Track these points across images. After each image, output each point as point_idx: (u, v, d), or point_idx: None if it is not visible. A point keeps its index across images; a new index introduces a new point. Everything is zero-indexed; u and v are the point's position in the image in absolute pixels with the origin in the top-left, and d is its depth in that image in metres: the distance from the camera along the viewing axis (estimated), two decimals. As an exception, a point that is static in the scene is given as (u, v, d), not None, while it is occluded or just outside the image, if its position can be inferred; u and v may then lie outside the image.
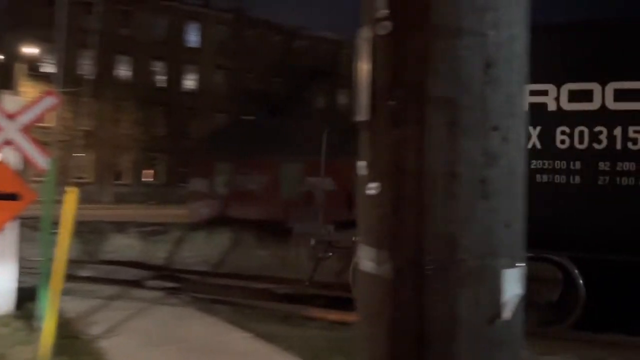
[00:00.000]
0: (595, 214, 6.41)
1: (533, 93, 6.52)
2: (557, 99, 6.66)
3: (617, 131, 6.40)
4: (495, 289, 1.25)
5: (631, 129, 6.36)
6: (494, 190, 1.24)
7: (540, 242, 6.08)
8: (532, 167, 6.53)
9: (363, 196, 1.34)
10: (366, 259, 1.33)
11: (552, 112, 6.65)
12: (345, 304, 7.52)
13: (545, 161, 6.65)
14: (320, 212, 12.32)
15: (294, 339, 6.05)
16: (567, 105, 6.63)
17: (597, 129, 6.48)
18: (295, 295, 8.63)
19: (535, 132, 6.67)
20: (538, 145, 6.66)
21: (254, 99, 37.65)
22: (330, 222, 9.49)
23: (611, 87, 6.45)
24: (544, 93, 6.65)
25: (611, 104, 6.45)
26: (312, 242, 9.02)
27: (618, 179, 6.32)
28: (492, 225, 1.24)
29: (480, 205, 1.23)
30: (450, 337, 1.22)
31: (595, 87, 6.51)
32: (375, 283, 1.30)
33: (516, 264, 1.28)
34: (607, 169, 6.38)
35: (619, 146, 6.40)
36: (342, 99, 47.10)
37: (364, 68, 1.33)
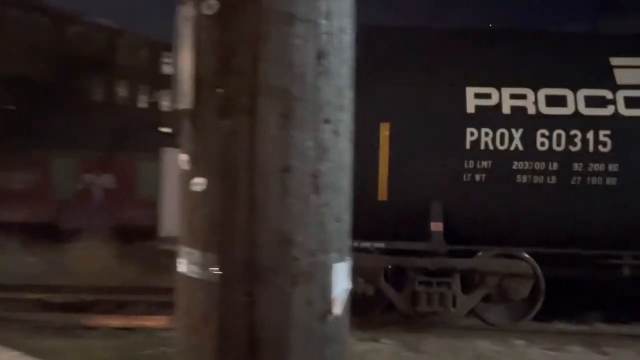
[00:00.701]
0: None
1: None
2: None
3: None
4: (326, 285, 1.22)
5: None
6: (324, 184, 1.21)
7: (514, 240, 6.34)
8: None
9: (186, 193, 1.21)
10: (189, 263, 1.20)
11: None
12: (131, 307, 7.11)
13: None
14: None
15: (71, 353, 5.53)
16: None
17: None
18: (74, 303, 7.88)
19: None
20: None
21: (14, 86, 33.48)
22: None
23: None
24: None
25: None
26: None
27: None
28: (323, 221, 1.21)
29: (313, 201, 1.19)
30: (283, 339, 1.17)
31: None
32: (201, 289, 1.18)
33: (344, 258, 1.27)
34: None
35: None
36: (122, 90, 44.48)
37: (186, 51, 1.20)
